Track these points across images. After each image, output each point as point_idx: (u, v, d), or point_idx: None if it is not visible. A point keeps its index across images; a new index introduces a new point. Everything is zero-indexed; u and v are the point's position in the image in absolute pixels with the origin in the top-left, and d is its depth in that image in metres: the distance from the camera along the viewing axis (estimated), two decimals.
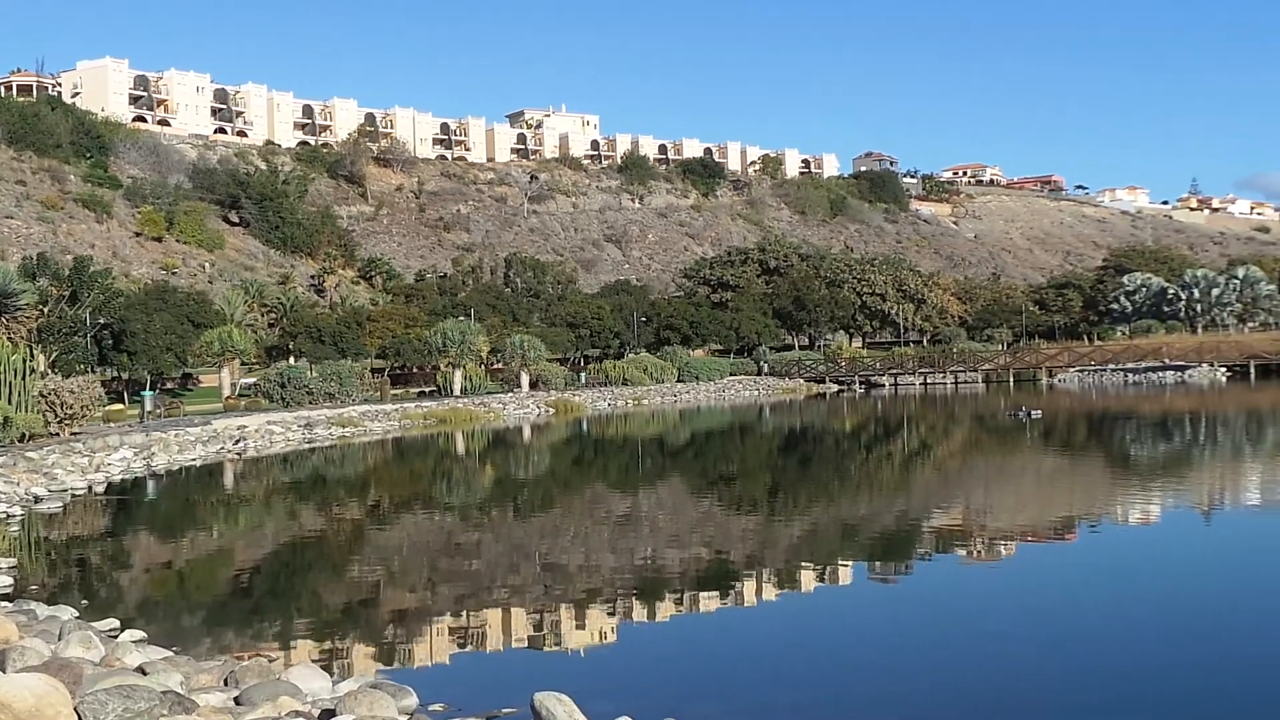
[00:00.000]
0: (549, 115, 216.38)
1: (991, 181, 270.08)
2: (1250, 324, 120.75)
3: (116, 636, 13.78)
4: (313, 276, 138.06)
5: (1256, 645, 13.86)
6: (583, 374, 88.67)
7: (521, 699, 11.03)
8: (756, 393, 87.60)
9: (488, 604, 17.81)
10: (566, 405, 70.52)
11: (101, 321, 69.85)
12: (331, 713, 10.35)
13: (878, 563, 20.64)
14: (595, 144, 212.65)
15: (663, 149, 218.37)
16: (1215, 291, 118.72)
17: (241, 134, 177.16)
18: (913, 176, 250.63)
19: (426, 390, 79.07)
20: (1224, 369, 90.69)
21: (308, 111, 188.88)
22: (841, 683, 13.02)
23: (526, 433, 56.79)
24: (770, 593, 18.22)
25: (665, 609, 17.15)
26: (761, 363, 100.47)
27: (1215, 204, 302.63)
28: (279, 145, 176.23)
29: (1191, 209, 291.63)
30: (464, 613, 17.16)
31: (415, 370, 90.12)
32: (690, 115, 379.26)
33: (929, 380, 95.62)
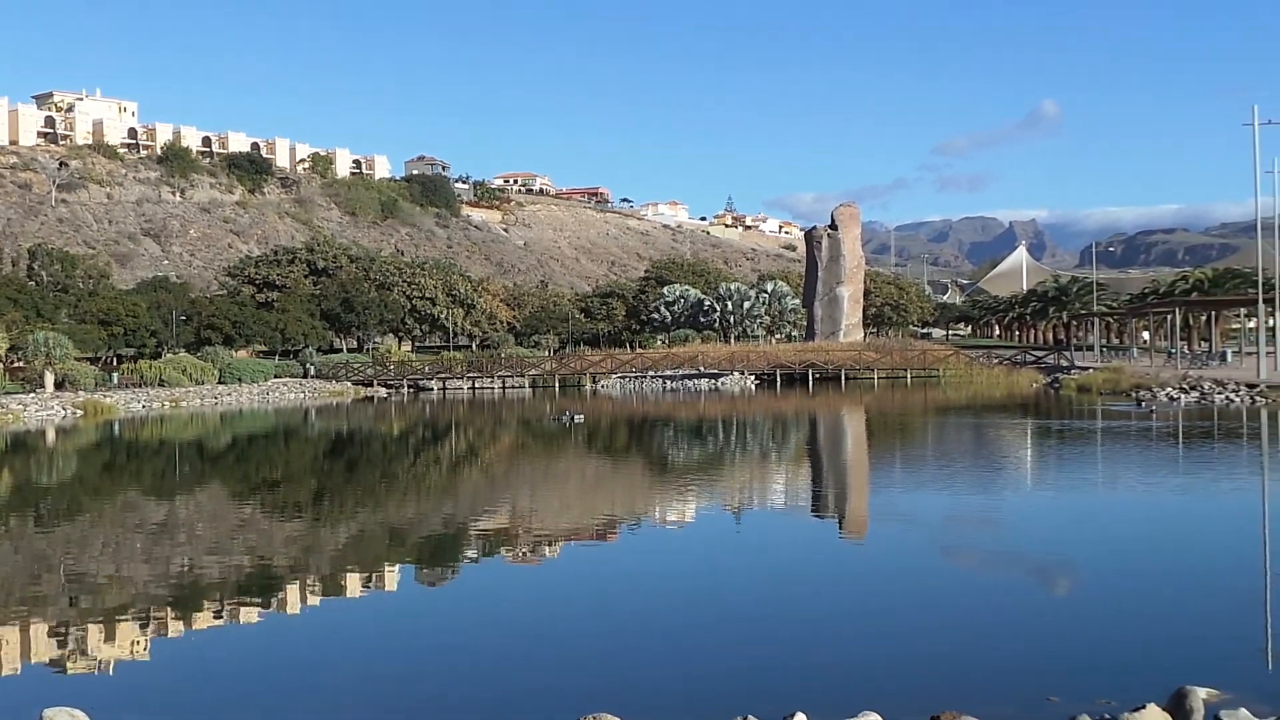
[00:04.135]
0: (81, 99, 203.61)
1: (541, 191, 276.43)
2: (777, 335, 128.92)
3: None
4: None
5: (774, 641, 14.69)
6: (115, 374, 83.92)
7: (31, 717, 10.26)
8: (302, 395, 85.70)
9: (2, 621, 16.42)
10: (96, 407, 66.52)
11: None
12: None
13: (423, 567, 20.54)
14: (133, 132, 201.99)
15: (207, 141, 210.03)
16: (747, 304, 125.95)
17: None
18: (464, 182, 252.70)
19: None
20: (753, 377, 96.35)
21: None
22: (375, 689, 12.81)
23: (50, 436, 53.14)
24: (313, 600, 17.76)
25: (202, 619, 16.41)
26: (308, 365, 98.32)
27: (748, 222, 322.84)
28: None
29: (727, 225, 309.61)
30: None
31: None
32: (237, 107, 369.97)
33: (477, 384, 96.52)
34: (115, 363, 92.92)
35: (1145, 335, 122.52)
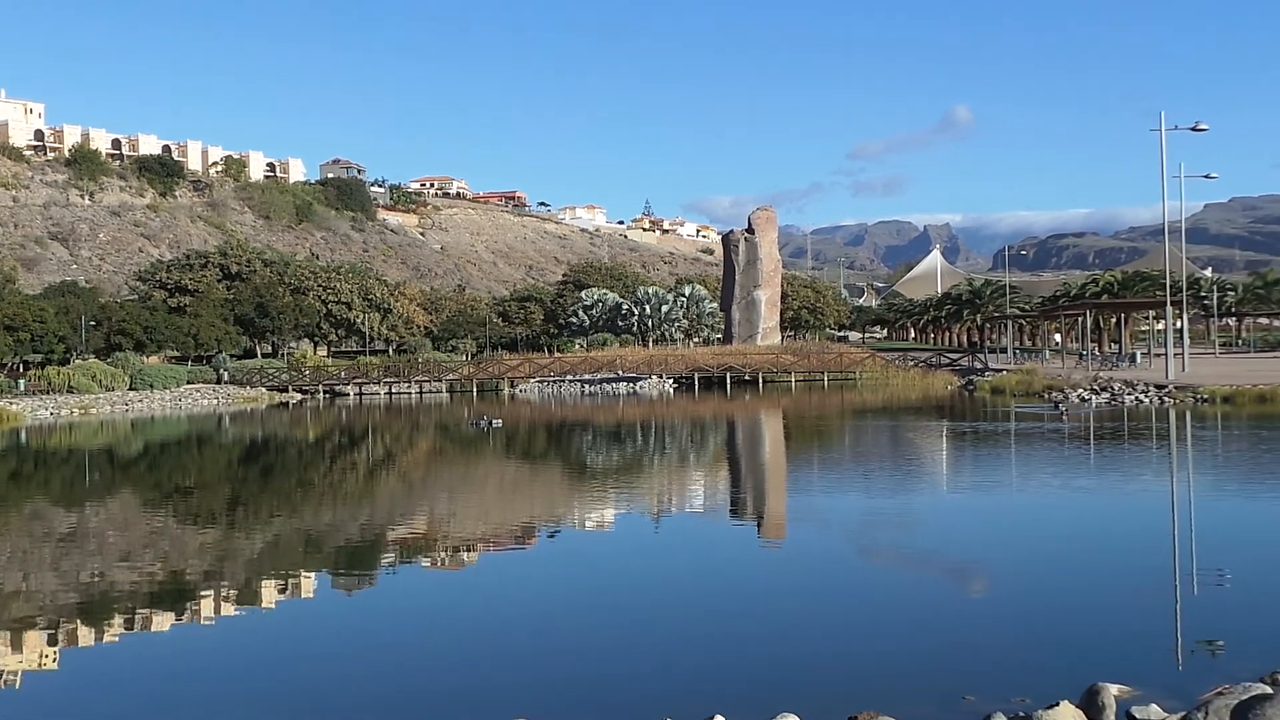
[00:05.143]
0: None
1: (458, 195, 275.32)
2: (695, 339, 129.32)
3: None
4: None
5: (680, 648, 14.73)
6: (22, 381, 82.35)
7: None
8: (216, 401, 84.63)
9: None
10: (2, 414, 65.25)
11: None
12: None
13: (341, 574, 20.34)
14: (40, 134, 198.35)
15: (117, 144, 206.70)
16: (665, 308, 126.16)
17: None
18: (380, 186, 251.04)
19: None
20: (671, 380, 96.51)
21: None
22: (290, 699, 12.67)
23: None
24: (228, 609, 17.51)
25: (113, 630, 16.12)
26: (222, 370, 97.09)
27: (666, 225, 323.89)
28: None
29: (645, 229, 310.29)
30: None
31: None
32: (147, 109, 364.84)
33: (394, 389, 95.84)
34: (22, 369, 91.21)
35: (1057, 337, 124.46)
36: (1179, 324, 75.41)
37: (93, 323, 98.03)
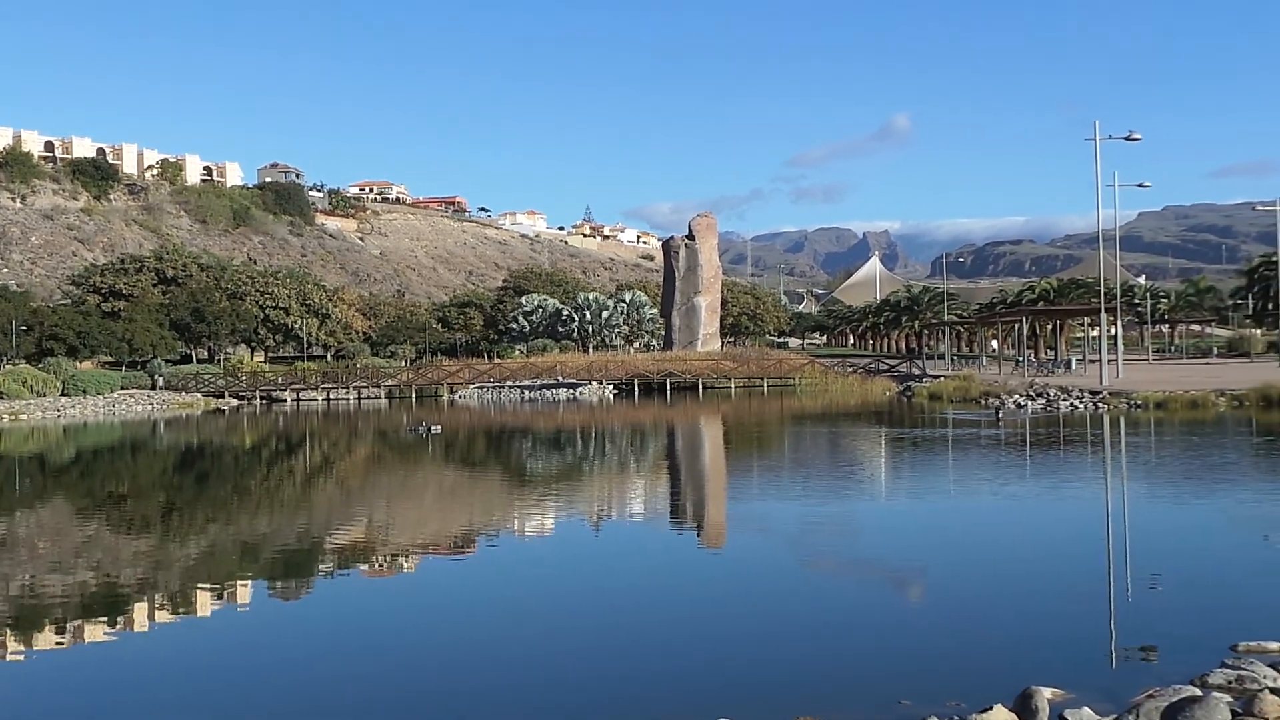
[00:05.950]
0: None
1: (398, 200, 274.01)
2: (635, 345, 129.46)
3: None
4: None
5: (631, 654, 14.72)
6: None
7: None
8: (151, 407, 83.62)
9: None
10: None
11: None
12: None
13: (278, 582, 20.17)
14: None
15: (49, 146, 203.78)
16: (605, 314, 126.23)
17: None
18: (319, 190, 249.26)
19: None
20: (612, 387, 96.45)
21: None
22: (230, 709, 12.54)
23: None
24: (163, 617, 17.31)
25: (44, 640, 15.90)
26: (156, 376, 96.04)
27: (607, 231, 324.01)
28: None
29: (585, 235, 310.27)
30: None
31: None
32: (82, 111, 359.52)
33: (332, 395, 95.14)
34: None
35: (994, 344, 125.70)
36: (1113, 331, 76.38)
37: (24, 327, 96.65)
